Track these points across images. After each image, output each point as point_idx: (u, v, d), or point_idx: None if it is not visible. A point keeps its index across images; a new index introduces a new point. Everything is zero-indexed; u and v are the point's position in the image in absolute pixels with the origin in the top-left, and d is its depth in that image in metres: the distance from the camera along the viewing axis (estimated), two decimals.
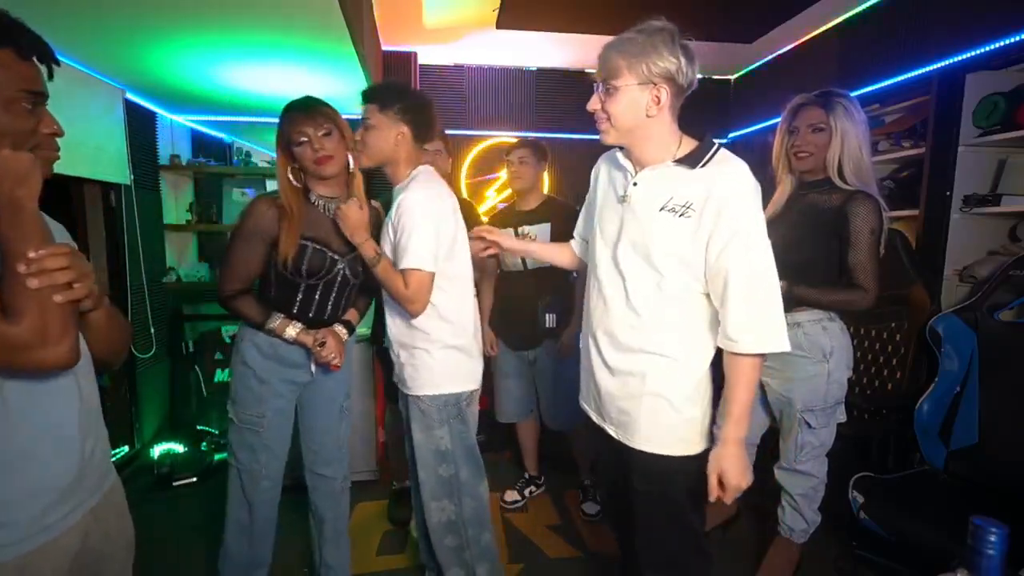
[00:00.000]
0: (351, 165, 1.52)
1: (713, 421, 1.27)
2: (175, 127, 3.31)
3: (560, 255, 1.61)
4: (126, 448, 2.82)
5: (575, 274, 2.17)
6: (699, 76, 1.17)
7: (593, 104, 1.19)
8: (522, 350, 2.42)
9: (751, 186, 1.14)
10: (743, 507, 2.28)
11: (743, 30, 3.07)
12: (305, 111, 1.44)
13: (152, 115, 3.06)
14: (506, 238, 1.61)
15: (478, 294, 1.87)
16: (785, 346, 1.14)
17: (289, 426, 1.66)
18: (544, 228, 2.33)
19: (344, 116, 1.51)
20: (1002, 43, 2.09)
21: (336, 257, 1.54)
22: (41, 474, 0.82)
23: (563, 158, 3.87)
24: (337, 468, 1.74)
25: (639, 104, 1.14)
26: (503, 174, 3.82)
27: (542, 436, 2.66)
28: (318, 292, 1.56)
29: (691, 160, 1.17)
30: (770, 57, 3.51)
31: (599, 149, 2.54)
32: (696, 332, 1.22)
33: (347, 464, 1.78)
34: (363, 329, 2.65)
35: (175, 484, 2.56)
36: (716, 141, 1.20)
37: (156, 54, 2.22)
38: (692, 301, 1.20)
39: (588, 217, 1.45)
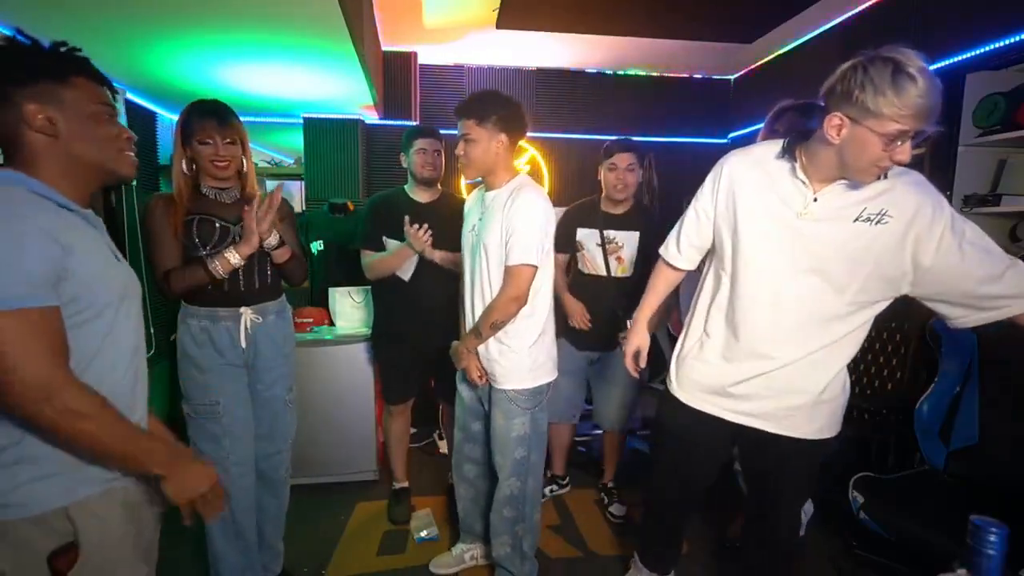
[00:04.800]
0: (244, 167, 1.67)
1: None
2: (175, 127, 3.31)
3: (672, 285, 1.63)
4: None
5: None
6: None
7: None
8: (589, 351, 2.40)
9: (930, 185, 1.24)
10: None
11: (743, 30, 3.07)
12: (219, 121, 1.58)
13: (152, 115, 3.06)
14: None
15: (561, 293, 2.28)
16: None
17: (248, 409, 1.70)
18: (633, 236, 2.27)
19: (343, 116, 1.54)
20: (1002, 43, 2.09)
21: (227, 224, 1.62)
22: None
23: (562, 158, 3.87)
24: (280, 460, 1.82)
25: None
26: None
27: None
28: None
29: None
30: (770, 57, 3.51)
31: (598, 148, 2.54)
32: (862, 332, 1.34)
33: (289, 456, 1.87)
34: (363, 329, 2.66)
35: None
36: None
37: (156, 54, 2.21)
38: (865, 302, 1.29)
39: (709, 224, 1.46)
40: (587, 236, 2.32)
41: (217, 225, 1.60)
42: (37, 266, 0.82)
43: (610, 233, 2.29)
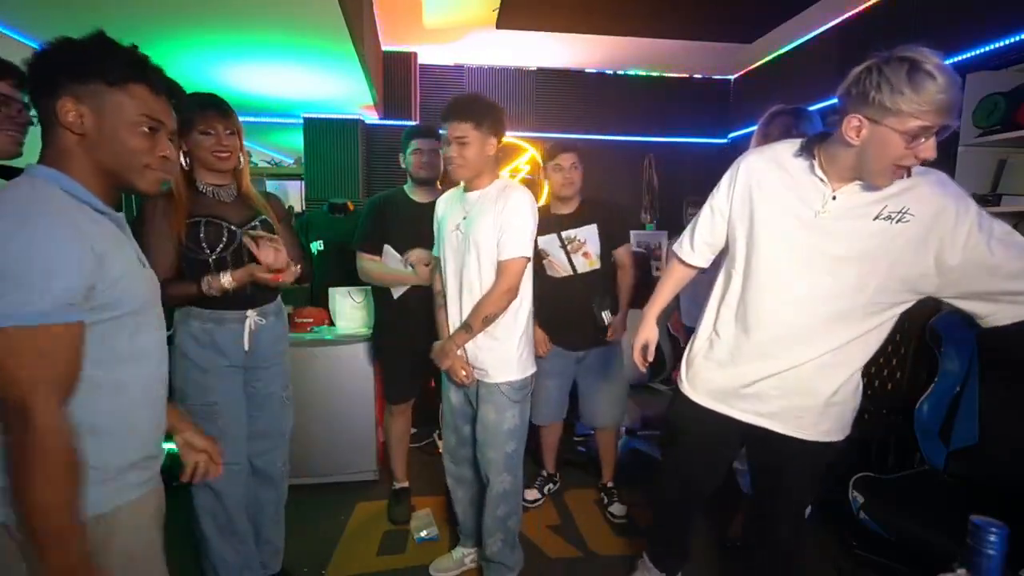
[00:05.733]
0: (241, 162, 1.66)
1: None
2: None
3: (683, 282, 1.63)
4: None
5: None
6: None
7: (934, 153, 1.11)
8: (575, 350, 2.40)
9: (955, 184, 1.21)
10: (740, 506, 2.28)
11: (743, 30, 3.07)
12: (221, 111, 1.57)
13: None
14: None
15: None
16: None
17: (242, 410, 1.69)
18: (591, 229, 2.29)
19: (342, 116, 1.53)
20: (1002, 43, 2.09)
21: (234, 228, 1.61)
22: (144, 438, 0.97)
23: None
24: (277, 455, 1.83)
25: None
26: (503, 174, 3.82)
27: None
28: (230, 265, 1.60)
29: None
30: (770, 57, 3.51)
31: (597, 148, 2.56)
32: (878, 334, 1.31)
33: (287, 451, 1.87)
34: (363, 330, 2.66)
35: (175, 484, 2.56)
36: None
37: (156, 54, 2.19)
38: (884, 304, 1.26)
39: (723, 221, 1.45)
40: (548, 242, 2.31)
41: (225, 229, 1.60)
42: (71, 280, 0.80)
43: (568, 233, 2.30)
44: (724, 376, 1.45)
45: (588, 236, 2.30)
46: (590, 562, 2.14)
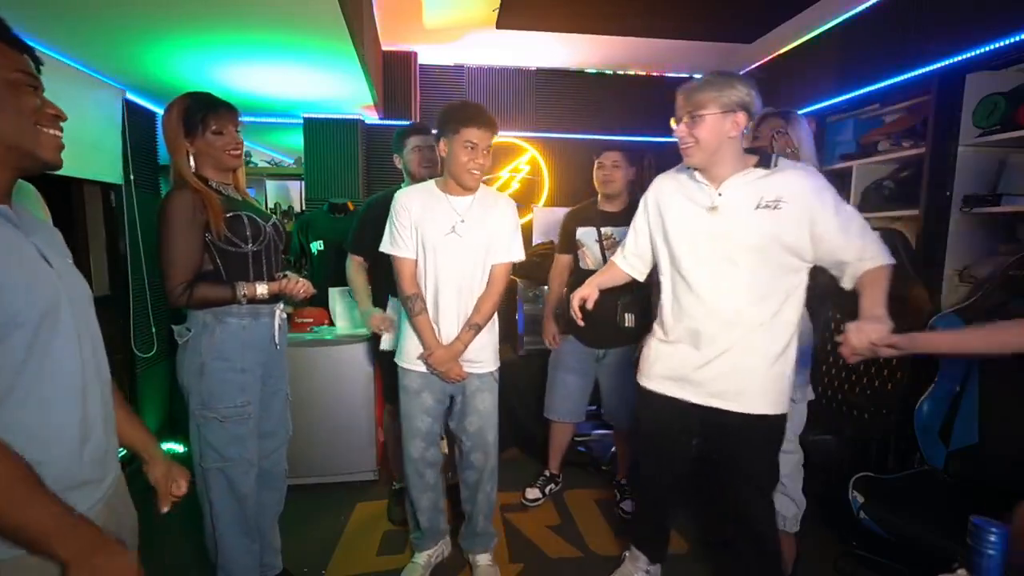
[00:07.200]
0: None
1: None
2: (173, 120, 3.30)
3: (619, 278, 1.87)
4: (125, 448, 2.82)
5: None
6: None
7: (681, 132, 1.48)
8: (596, 347, 2.42)
9: (817, 174, 1.50)
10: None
11: (743, 30, 3.07)
12: (231, 110, 1.61)
13: (152, 115, 3.06)
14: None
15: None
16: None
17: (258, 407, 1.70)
18: (628, 232, 2.35)
19: (343, 116, 1.52)
20: (1002, 43, 2.09)
21: (263, 223, 1.65)
22: (64, 465, 0.82)
23: (562, 158, 3.87)
24: (282, 455, 1.84)
25: (722, 128, 1.45)
26: (503, 174, 3.83)
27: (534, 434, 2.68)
28: (263, 257, 1.65)
29: (765, 164, 1.49)
30: (770, 57, 3.51)
31: (598, 148, 2.58)
32: (793, 303, 1.51)
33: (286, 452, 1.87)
34: (363, 329, 2.65)
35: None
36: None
37: (156, 54, 2.22)
38: (785, 275, 1.49)
39: (644, 237, 1.75)
40: (586, 234, 2.39)
41: (260, 223, 1.63)
42: None
43: (607, 230, 2.35)
44: (671, 365, 1.64)
45: (623, 236, 2.31)
46: (590, 562, 2.15)
